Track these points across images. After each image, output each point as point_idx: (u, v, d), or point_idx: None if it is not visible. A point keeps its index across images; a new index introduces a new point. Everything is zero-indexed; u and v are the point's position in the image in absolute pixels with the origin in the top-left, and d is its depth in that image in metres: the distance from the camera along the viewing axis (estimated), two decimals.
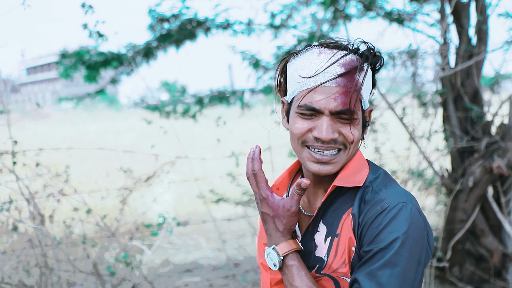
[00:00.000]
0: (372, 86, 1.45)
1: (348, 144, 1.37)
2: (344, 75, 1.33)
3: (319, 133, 1.34)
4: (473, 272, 4.80)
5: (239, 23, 5.30)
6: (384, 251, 1.28)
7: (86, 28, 4.43)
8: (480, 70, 4.74)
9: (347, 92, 1.33)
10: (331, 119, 1.34)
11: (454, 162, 4.91)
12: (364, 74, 1.36)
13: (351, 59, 1.35)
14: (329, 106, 1.33)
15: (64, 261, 3.92)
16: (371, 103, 5.62)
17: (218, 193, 6.03)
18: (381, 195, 1.35)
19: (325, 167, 1.38)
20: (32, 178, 4.02)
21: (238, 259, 5.91)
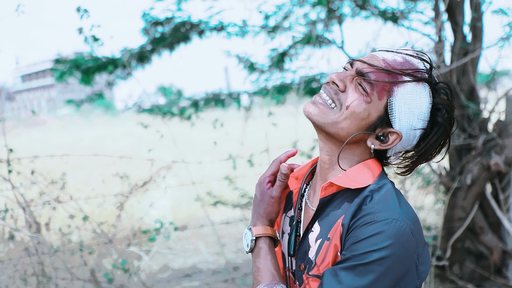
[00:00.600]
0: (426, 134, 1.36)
1: (343, 107, 1.33)
2: (397, 61, 1.32)
3: (331, 75, 1.36)
4: (473, 270, 4.78)
5: (233, 25, 5.29)
6: (356, 258, 1.25)
7: (81, 33, 4.41)
8: (476, 67, 4.73)
9: (387, 74, 1.31)
10: (352, 76, 1.34)
11: (451, 160, 4.89)
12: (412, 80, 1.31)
13: (417, 63, 1.33)
14: (360, 65, 1.34)
15: (61, 269, 3.89)
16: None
17: (216, 196, 6.01)
18: (376, 207, 1.29)
19: (311, 107, 1.37)
20: (27, 186, 3.99)
21: (237, 263, 5.89)
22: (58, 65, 5.80)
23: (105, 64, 5.58)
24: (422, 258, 1.33)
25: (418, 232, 1.30)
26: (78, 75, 5.77)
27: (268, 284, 1.39)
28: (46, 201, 4.00)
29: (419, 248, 1.30)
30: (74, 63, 5.67)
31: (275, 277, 1.41)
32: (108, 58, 5.57)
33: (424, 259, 1.34)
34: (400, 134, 1.35)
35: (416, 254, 1.29)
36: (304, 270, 1.43)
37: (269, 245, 1.46)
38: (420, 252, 1.31)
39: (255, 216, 1.51)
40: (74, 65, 5.68)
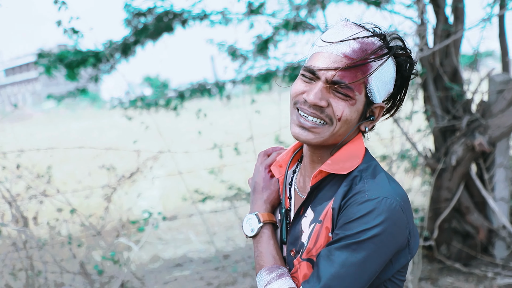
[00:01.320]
0: (397, 89, 1.43)
1: (334, 120, 1.34)
2: (356, 50, 1.31)
3: (307, 95, 1.34)
4: (460, 250, 4.84)
5: (216, 13, 5.26)
6: (349, 238, 1.28)
7: (60, 25, 4.36)
8: (458, 48, 4.75)
9: (351, 67, 1.31)
10: (325, 87, 1.33)
11: (436, 141, 4.93)
12: (380, 63, 1.33)
13: (372, 42, 1.33)
14: (327, 74, 1.31)
15: (50, 263, 3.88)
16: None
17: (204, 193, 6.00)
18: (366, 186, 1.33)
19: (304, 133, 1.37)
20: (13, 180, 3.97)
21: (227, 251, 5.91)
22: (42, 59, 5.75)
23: (88, 58, 5.53)
24: (413, 233, 1.37)
25: (408, 209, 1.33)
26: (63, 70, 5.72)
27: (270, 268, 1.41)
28: (32, 195, 3.98)
29: (410, 224, 1.34)
30: (57, 57, 5.62)
31: (277, 261, 1.44)
32: (91, 52, 5.52)
33: (415, 234, 1.38)
34: (383, 105, 1.42)
35: (408, 230, 1.33)
36: (296, 254, 1.44)
37: (271, 230, 1.49)
38: (411, 227, 1.35)
39: (259, 202, 1.53)
40: (58, 59, 5.62)
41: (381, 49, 1.33)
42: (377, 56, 1.32)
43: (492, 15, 4.45)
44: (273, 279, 1.38)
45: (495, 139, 4.46)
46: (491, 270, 4.69)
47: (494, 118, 4.44)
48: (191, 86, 5.96)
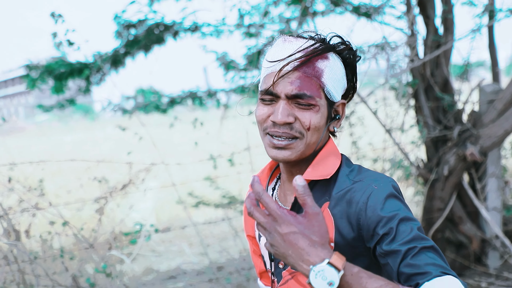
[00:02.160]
0: (350, 82, 1.45)
1: (304, 131, 1.36)
2: (304, 61, 1.33)
3: (274, 116, 1.35)
4: (453, 260, 4.85)
5: (208, 25, 5.28)
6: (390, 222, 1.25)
7: (56, 37, 4.36)
8: (449, 59, 4.80)
9: (305, 77, 1.33)
10: (288, 104, 1.35)
11: (428, 151, 4.95)
12: (329, 63, 1.36)
13: (314, 47, 1.35)
14: (285, 90, 1.33)
15: (42, 276, 3.85)
16: None
17: (198, 196, 6.00)
18: (364, 182, 1.34)
19: (281, 152, 1.37)
20: (5, 194, 3.95)
21: (221, 262, 5.89)
22: (31, 71, 5.73)
23: (78, 69, 5.53)
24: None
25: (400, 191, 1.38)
26: (51, 82, 5.70)
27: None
28: (25, 209, 3.96)
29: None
30: (46, 69, 5.61)
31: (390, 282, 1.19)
32: (81, 63, 5.52)
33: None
34: (344, 101, 1.45)
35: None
36: (285, 266, 1.44)
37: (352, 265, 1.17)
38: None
39: (311, 250, 1.11)
40: (46, 71, 5.61)
41: (324, 48, 1.37)
42: (320, 54, 1.35)
43: (482, 26, 4.49)
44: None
45: (486, 149, 4.48)
46: (484, 280, 4.69)
47: (485, 128, 4.47)
48: (183, 94, 5.95)
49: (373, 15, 5.00)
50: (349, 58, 1.41)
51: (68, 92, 6.10)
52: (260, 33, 5.45)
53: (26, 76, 5.80)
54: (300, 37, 1.39)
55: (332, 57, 1.38)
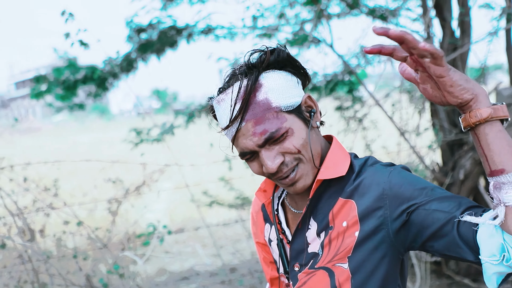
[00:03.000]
0: (298, 72, 1.39)
1: (298, 155, 1.34)
2: (244, 108, 1.29)
3: (266, 169, 1.34)
4: (469, 265, 4.80)
5: (221, 28, 5.28)
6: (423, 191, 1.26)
7: (68, 37, 4.38)
8: (465, 62, 4.75)
9: (258, 119, 1.30)
10: (266, 150, 1.32)
11: (444, 155, 4.91)
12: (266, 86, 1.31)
13: (242, 87, 1.30)
14: (254, 143, 1.31)
15: (56, 275, 3.89)
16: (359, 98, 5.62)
17: (212, 196, 6.00)
18: (378, 167, 1.36)
19: (297, 186, 1.37)
20: (20, 193, 3.99)
21: (234, 264, 5.89)
22: (39, 84, 5.77)
23: (89, 77, 5.55)
24: None
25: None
26: (59, 90, 5.74)
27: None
28: (39, 208, 3.99)
29: None
30: (55, 79, 5.64)
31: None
32: (93, 69, 5.55)
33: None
34: (306, 95, 1.38)
35: None
36: (301, 268, 1.43)
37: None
38: None
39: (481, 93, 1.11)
40: (56, 82, 5.64)
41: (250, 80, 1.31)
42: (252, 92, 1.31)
43: (499, 29, 4.44)
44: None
45: None
46: (500, 286, 4.63)
47: None
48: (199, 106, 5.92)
49: (389, 18, 4.98)
50: (278, 60, 1.35)
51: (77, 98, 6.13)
52: (274, 35, 5.45)
53: (32, 89, 5.84)
54: (228, 85, 1.34)
55: (264, 77, 1.33)
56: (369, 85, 5.62)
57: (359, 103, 5.52)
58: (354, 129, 5.15)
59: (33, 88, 5.84)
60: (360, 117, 5.20)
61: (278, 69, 1.35)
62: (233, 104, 1.30)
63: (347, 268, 1.35)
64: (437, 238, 1.24)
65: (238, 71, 1.34)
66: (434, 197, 1.24)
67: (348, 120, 5.27)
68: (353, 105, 5.56)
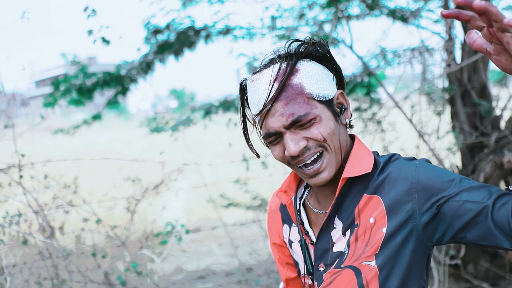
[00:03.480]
0: (334, 71, 1.42)
1: (323, 143, 1.34)
2: (278, 91, 1.31)
3: (288, 151, 1.34)
4: (488, 269, 4.74)
5: (240, 28, 5.28)
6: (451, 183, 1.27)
7: (91, 34, 4.41)
8: (487, 64, 4.70)
9: (290, 101, 1.32)
10: (291, 133, 1.33)
11: (464, 158, 4.86)
12: (303, 73, 1.34)
13: (281, 69, 1.33)
14: (281, 124, 1.32)
15: (75, 272, 3.93)
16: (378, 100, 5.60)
17: (229, 198, 6.01)
18: (402, 160, 1.37)
19: (320, 177, 1.37)
20: (40, 190, 4.04)
21: (250, 264, 5.90)
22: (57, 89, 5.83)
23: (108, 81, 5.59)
24: None
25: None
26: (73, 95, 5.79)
27: None
28: (59, 205, 4.04)
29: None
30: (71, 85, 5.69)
31: None
32: (108, 74, 5.59)
33: None
34: (341, 90, 1.41)
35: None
36: (326, 268, 1.43)
37: None
38: None
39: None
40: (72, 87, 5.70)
41: (289, 64, 1.34)
42: (289, 75, 1.33)
43: None
44: None
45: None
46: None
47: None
48: (218, 103, 5.95)
49: (410, 19, 4.94)
50: (317, 52, 1.38)
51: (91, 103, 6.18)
52: (293, 36, 5.44)
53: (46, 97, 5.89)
54: (265, 66, 1.37)
55: (302, 64, 1.36)
56: (388, 87, 5.58)
57: (378, 104, 5.49)
58: (372, 131, 5.13)
59: (46, 96, 5.90)
60: (379, 118, 5.17)
61: (316, 61, 1.38)
62: (272, 82, 1.32)
63: (374, 265, 1.35)
64: (470, 228, 1.24)
65: (277, 55, 1.36)
66: (463, 187, 1.25)
67: (367, 121, 5.25)
68: (371, 106, 5.54)
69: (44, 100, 5.92)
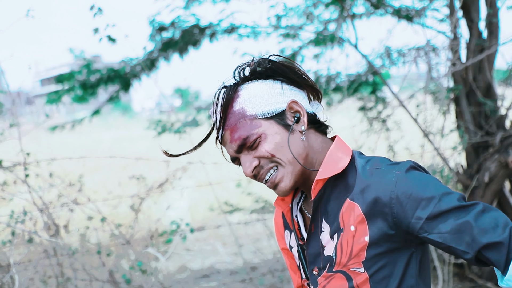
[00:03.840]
0: (283, 76, 1.42)
1: (273, 158, 1.38)
2: (221, 123, 1.39)
3: (245, 173, 1.41)
4: (492, 269, 4.73)
5: (245, 27, 5.28)
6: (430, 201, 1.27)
7: (97, 32, 4.42)
8: (492, 63, 4.69)
9: (233, 127, 1.38)
10: (244, 155, 1.40)
11: (468, 158, 4.85)
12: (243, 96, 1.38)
13: (219, 99, 1.40)
14: (233, 150, 1.40)
15: (80, 270, 3.94)
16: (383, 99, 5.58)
17: (233, 205, 6.00)
18: (383, 169, 1.34)
19: (279, 188, 1.41)
20: (46, 188, 4.05)
21: (254, 263, 5.90)
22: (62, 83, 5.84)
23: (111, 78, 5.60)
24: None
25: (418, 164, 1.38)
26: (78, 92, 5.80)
27: None
28: (64, 203, 4.05)
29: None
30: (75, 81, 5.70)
31: None
32: (112, 70, 5.60)
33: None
34: (292, 100, 1.40)
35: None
36: (320, 272, 1.43)
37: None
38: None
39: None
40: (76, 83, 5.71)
41: (227, 93, 1.40)
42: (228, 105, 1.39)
43: None
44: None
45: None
46: None
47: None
48: None
49: (415, 18, 4.93)
50: (260, 71, 1.41)
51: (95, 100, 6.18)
52: (298, 35, 5.43)
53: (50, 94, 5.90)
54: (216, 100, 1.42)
55: (244, 87, 1.40)
56: (393, 86, 5.58)
57: (383, 103, 5.47)
58: (377, 130, 5.12)
59: (50, 93, 5.91)
60: (384, 117, 5.17)
61: (263, 79, 1.41)
62: (214, 114, 1.41)
63: (363, 271, 1.36)
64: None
65: (222, 85, 1.43)
66: (441, 209, 1.26)
67: (372, 120, 5.24)
68: (375, 105, 5.53)
69: (48, 97, 5.93)
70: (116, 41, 4.49)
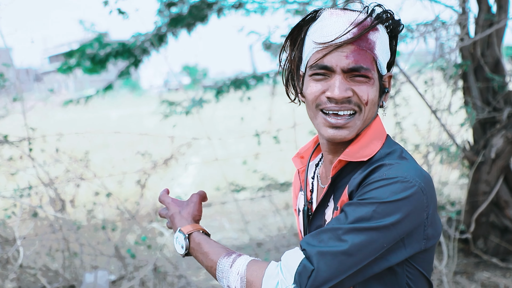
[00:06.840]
0: (392, 55, 1.41)
1: (362, 106, 1.32)
2: (358, 35, 1.29)
3: (331, 92, 1.30)
4: (498, 244, 4.73)
5: (252, 2, 5.23)
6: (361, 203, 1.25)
7: (107, 5, 4.39)
8: (501, 39, 4.62)
9: (360, 50, 1.29)
10: (344, 78, 1.31)
11: (475, 133, 4.81)
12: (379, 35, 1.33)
13: (366, 20, 1.31)
14: (341, 64, 1.29)
15: (86, 245, 3.98)
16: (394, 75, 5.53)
17: (238, 184, 6.01)
18: (387, 167, 1.28)
19: (339, 132, 1.34)
20: (52, 164, 4.07)
21: (260, 239, 5.93)
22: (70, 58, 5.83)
23: (120, 52, 5.58)
24: (432, 220, 1.30)
25: (430, 193, 1.27)
26: (87, 64, 5.79)
27: (227, 253, 1.36)
28: (70, 179, 4.07)
29: (430, 208, 1.28)
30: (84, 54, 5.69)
31: (228, 249, 1.39)
32: (123, 45, 5.57)
33: (434, 223, 1.31)
34: (391, 73, 1.42)
35: (426, 213, 1.27)
36: None
37: (205, 236, 1.46)
38: (430, 213, 1.28)
39: (179, 219, 1.53)
40: (85, 56, 5.70)
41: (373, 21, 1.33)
42: (371, 28, 1.31)
43: None
44: (236, 257, 1.34)
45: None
46: None
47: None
48: (229, 80, 5.88)
49: None
50: (394, 28, 1.37)
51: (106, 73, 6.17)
52: (306, 10, 5.37)
53: (62, 65, 5.90)
54: (346, 9, 1.34)
55: (381, 28, 1.34)
56: (401, 62, 5.52)
57: (390, 72, 5.42)
58: (385, 106, 5.07)
59: (63, 63, 5.92)
60: (391, 94, 5.12)
61: (389, 34, 1.39)
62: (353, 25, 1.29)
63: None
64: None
65: (363, 8, 1.34)
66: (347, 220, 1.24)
67: None
68: None
69: (60, 66, 5.93)
70: (127, 14, 4.45)
